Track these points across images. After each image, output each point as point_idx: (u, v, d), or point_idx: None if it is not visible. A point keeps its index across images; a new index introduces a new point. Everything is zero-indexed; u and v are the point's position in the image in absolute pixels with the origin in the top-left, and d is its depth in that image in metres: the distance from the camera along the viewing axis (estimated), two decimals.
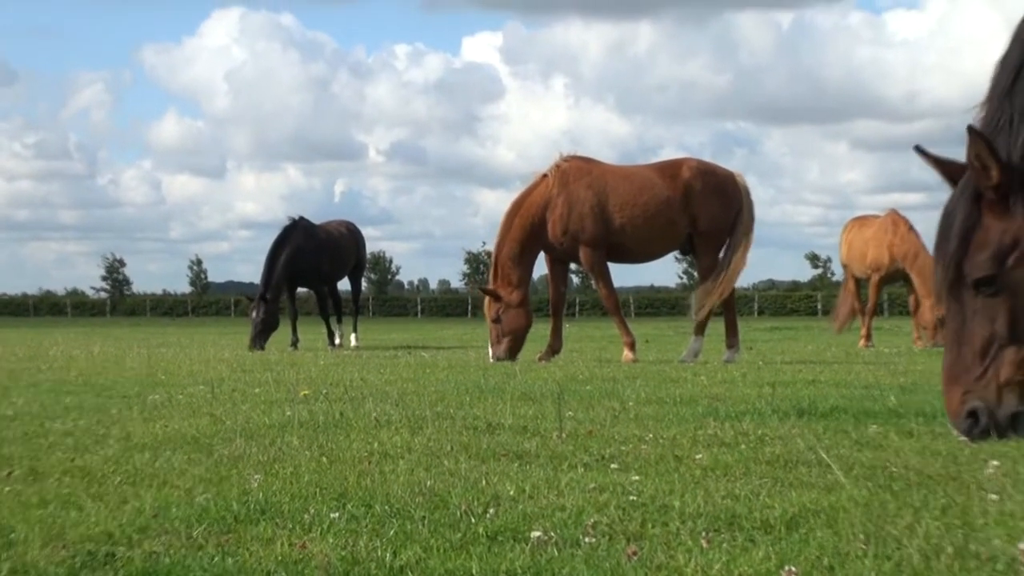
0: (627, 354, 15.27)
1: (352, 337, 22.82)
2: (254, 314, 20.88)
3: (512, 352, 15.31)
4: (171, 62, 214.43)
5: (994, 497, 4.19)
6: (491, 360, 15.26)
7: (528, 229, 15.37)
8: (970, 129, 5.69)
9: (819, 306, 74.28)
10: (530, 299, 15.70)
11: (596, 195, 15.28)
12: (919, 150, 6.15)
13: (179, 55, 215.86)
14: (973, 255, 5.72)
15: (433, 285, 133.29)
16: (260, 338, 20.61)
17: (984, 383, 5.71)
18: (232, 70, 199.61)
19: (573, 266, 16.52)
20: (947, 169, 6.08)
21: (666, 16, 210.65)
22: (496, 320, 15.40)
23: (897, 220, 20.97)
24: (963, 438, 5.75)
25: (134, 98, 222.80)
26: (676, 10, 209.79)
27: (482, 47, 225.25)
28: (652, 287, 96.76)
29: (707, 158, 16.82)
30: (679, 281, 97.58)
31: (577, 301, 74.22)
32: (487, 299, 15.61)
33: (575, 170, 15.48)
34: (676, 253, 16.58)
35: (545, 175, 15.54)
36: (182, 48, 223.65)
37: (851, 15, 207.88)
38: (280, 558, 3.44)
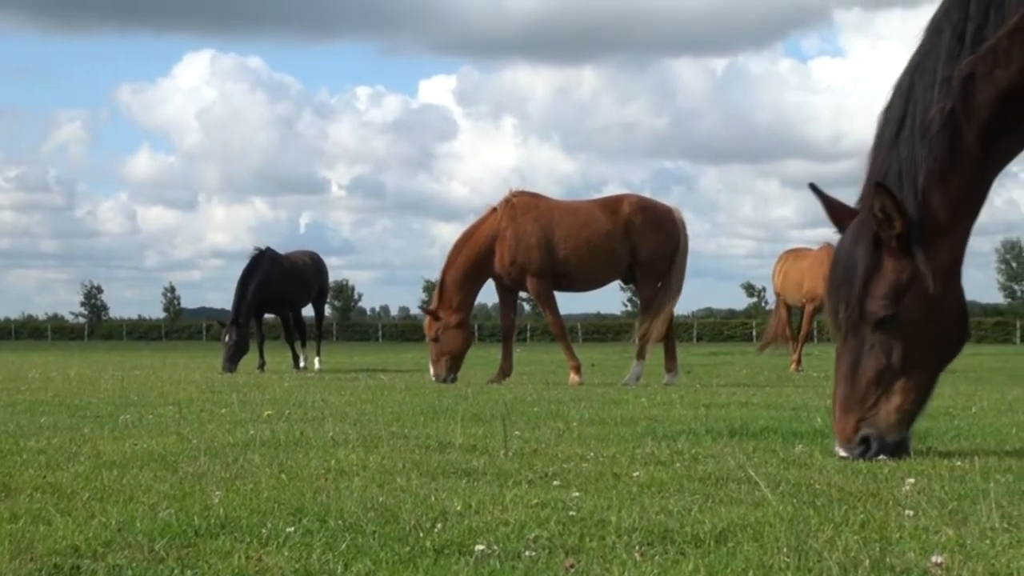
0: (573, 377, 15.29)
1: (316, 360, 22.71)
2: (227, 338, 20.77)
3: (450, 371, 15.36)
4: (145, 101, 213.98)
5: (910, 513, 4.20)
6: (432, 379, 15.31)
7: (474, 258, 15.47)
8: (878, 185, 5.85)
9: (754, 333, 74.59)
10: (470, 323, 15.80)
11: (542, 228, 15.34)
12: (814, 188, 6.37)
13: (153, 94, 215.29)
14: (874, 295, 5.90)
15: (394, 311, 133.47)
16: (232, 361, 20.54)
17: (876, 411, 5.89)
18: (203, 109, 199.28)
19: (524, 294, 16.55)
20: (835, 210, 6.32)
21: (608, 62, 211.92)
22: (435, 339, 15.50)
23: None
24: (851, 458, 5.87)
25: (111, 135, 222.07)
26: (617, 56, 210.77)
27: (438, 89, 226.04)
28: (599, 314, 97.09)
29: (647, 194, 16.99)
30: (624, 309, 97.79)
31: (528, 327, 74.27)
32: (428, 319, 15.71)
33: (523, 205, 15.55)
34: (620, 283, 16.61)
35: (495, 209, 15.62)
36: (156, 88, 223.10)
37: (780, 62, 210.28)
38: (237, 570, 3.40)
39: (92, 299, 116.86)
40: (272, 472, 5.52)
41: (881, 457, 5.76)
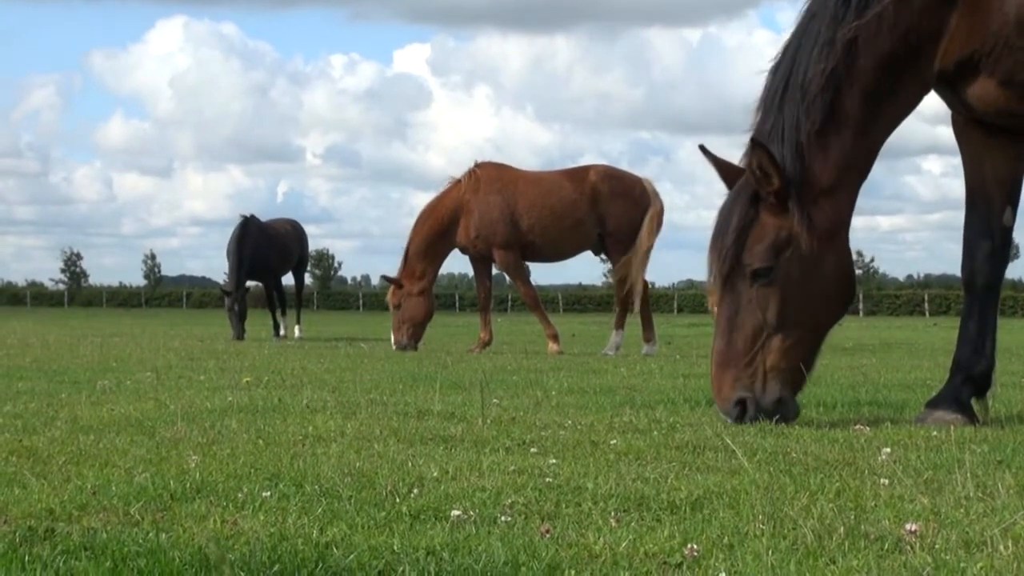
0: (552, 346, 15.29)
1: (296, 329, 22.67)
2: (236, 307, 20.67)
3: (412, 339, 15.43)
4: (118, 67, 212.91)
5: (885, 481, 4.22)
6: (394, 348, 15.36)
7: (437, 230, 15.54)
8: (753, 141, 5.90)
9: None
10: (432, 293, 15.83)
11: (505, 200, 15.33)
12: (703, 150, 6.41)
13: (125, 60, 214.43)
14: (751, 247, 5.95)
15: (375, 280, 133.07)
16: (241, 327, 20.57)
17: (752, 371, 5.95)
18: (176, 75, 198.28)
19: None
20: (725, 170, 6.37)
21: (578, 31, 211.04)
22: (397, 307, 15.56)
23: None
24: (729, 421, 5.94)
25: (83, 100, 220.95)
26: (587, 25, 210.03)
27: (412, 58, 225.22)
28: (580, 285, 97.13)
29: (624, 166, 17.08)
30: (604, 280, 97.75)
31: (509, 297, 74.19)
32: (391, 287, 15.76)
33: (487, 176, 15.55)
34: (595, 254, 16.50)
35: (459, 180, 15.61)
36: (128, 54, 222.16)
37: (755, 33, 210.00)
38: (211, 534, 3.39)
39: (72, 266, 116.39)
40: (249, 438, 5.52)
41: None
